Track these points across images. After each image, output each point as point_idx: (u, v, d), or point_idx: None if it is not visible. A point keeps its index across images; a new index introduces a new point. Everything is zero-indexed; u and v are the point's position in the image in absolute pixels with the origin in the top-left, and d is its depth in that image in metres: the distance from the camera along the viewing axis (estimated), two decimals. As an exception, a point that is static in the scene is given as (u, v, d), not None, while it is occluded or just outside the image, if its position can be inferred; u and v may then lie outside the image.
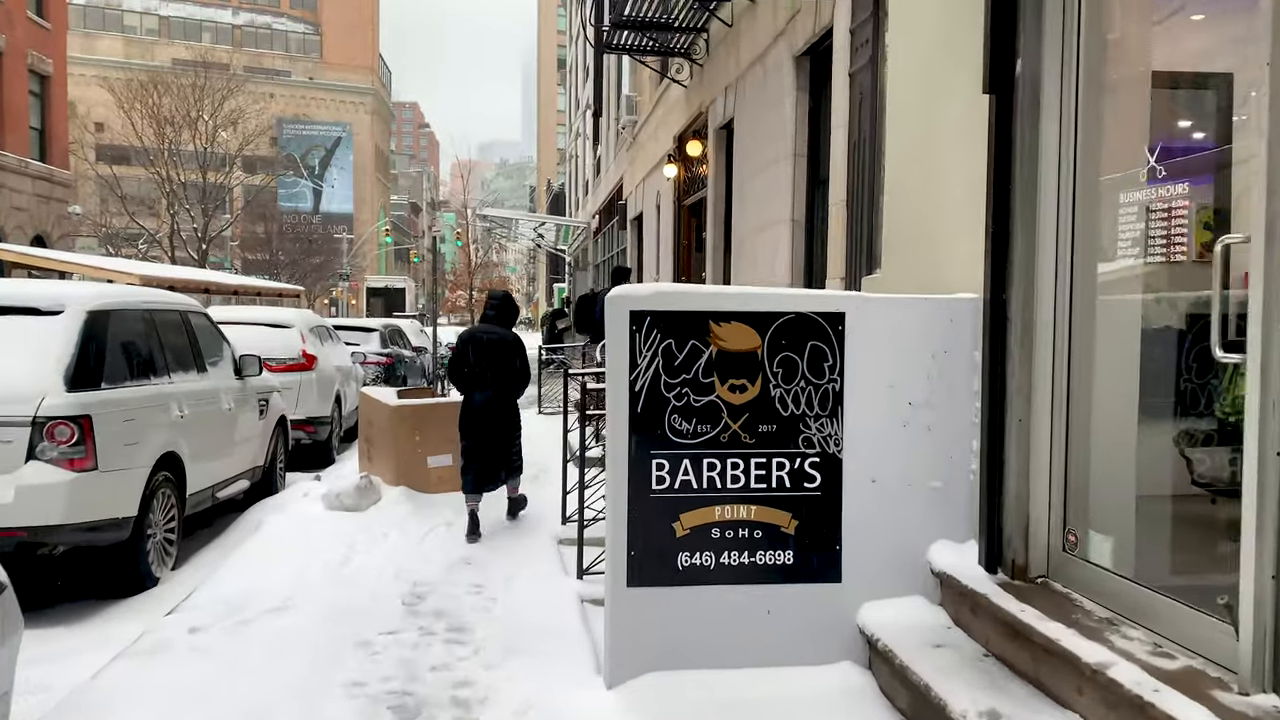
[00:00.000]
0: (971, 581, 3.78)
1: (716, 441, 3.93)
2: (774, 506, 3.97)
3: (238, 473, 8.15)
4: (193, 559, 7.04)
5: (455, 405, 8.72)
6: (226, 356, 8.25)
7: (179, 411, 6.78)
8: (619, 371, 3.89)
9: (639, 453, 3.90)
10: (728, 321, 3.91)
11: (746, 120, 8.42)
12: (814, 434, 3.98)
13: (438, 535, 7.19)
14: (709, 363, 3.91)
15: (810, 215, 6.96)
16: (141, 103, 37.76)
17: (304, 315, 12.45)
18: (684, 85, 11.14)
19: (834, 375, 3.98)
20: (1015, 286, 3.76)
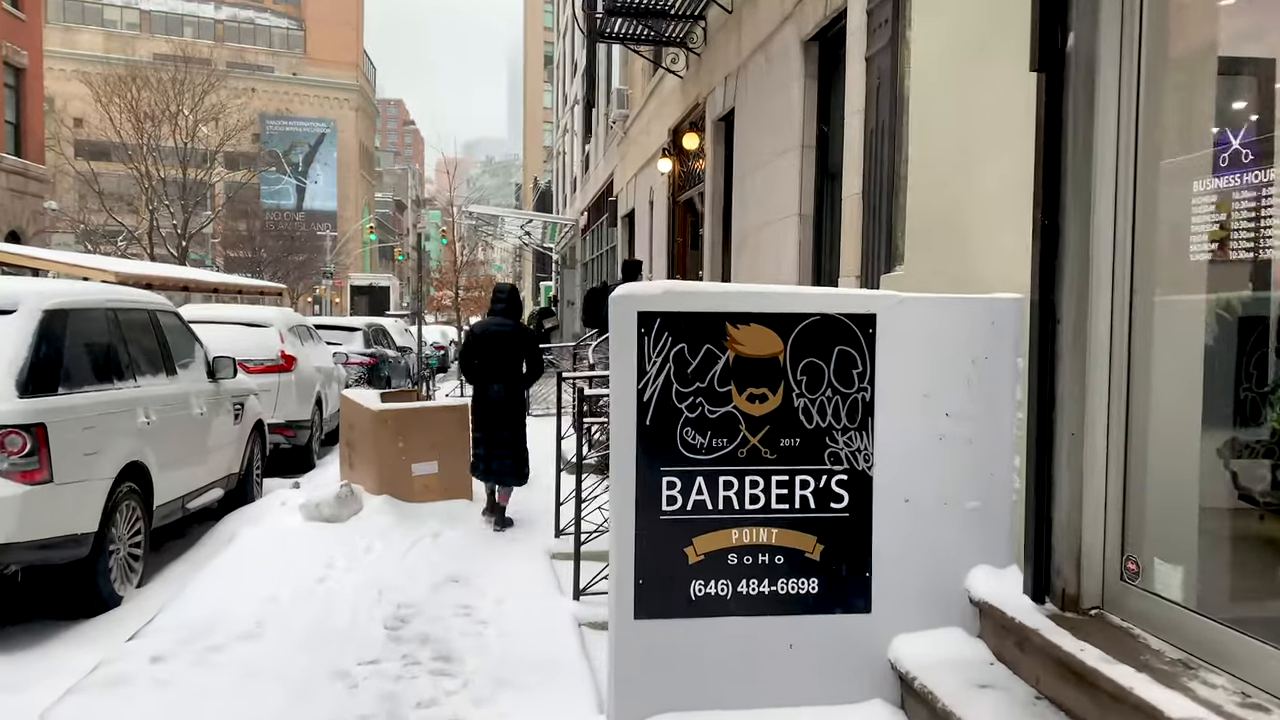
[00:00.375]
0: (1017, 613, 3.40)
1: (734, 457, 3.53)
2: (797, 529, 3.58)
3: (210, 481, 7.71)
4: (161, 574, 6.60)
5: (441, 409, 8.31)
6: (199, 358, 7.80)
7: (145, 418, 6.34)
8: (625, 379, 3.49)
9: (647, 469, 3.50)
10: (746, 324, 3.51)
11: (749, 111, 8.03)
12: (842, 449, 3.59)
13: (423, 549, 6.77)
14: (725, 370, 3.52)
15: (819, 209, 6.57)
16: (120, 96, 37.05)
17: (283, 314, 11.99)
18: (679, 76, 10.73)
19: (864, 384, 3.58)
20: (1066, 284, 3.38)
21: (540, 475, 9.48)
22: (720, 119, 9.24)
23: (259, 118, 64.06)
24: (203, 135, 40.39)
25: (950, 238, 4.25)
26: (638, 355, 3.48)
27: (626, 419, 3.49)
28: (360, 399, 8.65)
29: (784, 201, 6.88)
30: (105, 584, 5.73)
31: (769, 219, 7.24)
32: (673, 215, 11.80)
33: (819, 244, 6.59)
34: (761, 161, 7.47)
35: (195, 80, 39.85)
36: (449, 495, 8.02)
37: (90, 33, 70.90)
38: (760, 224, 7.51)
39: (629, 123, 15.68)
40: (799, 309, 3.54)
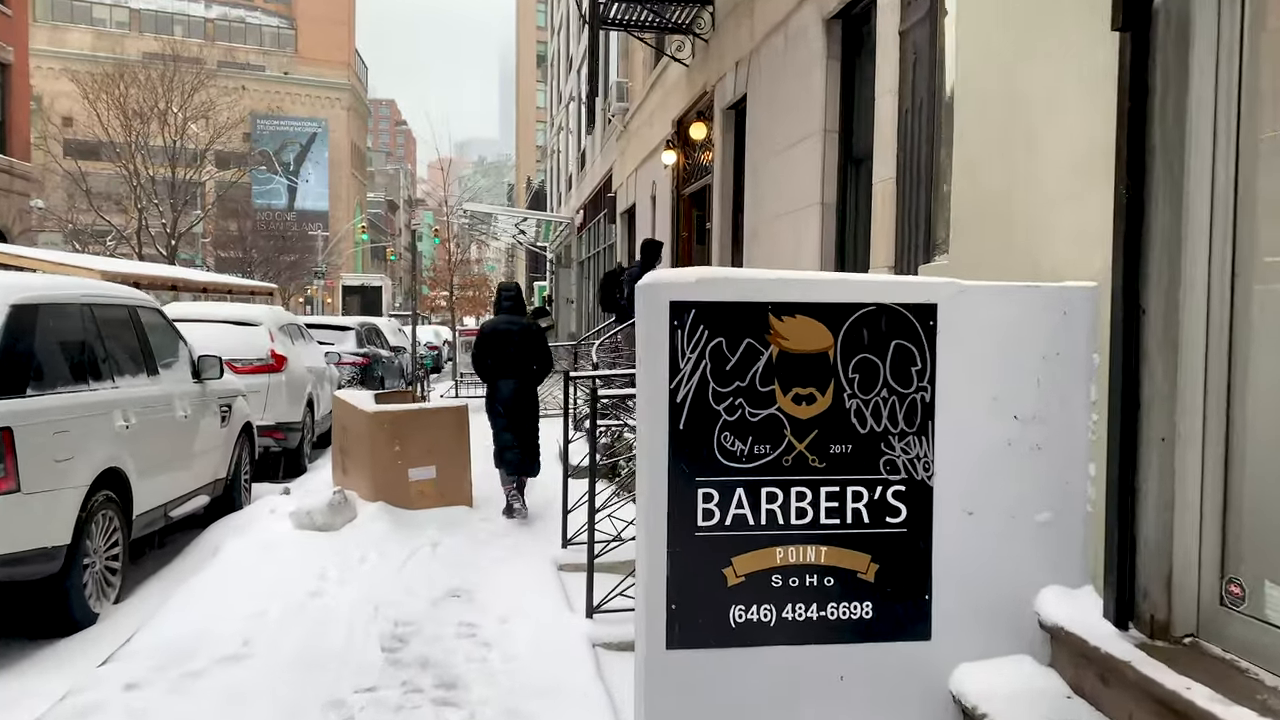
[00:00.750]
0: (1100, 641, 3.01)
1: (778, 465, 3.13)
2: (849, 547, 3.18)
3: (195, 488, 7.29)
4: (141, 588, 6.18)
5: (439, 411, 7.92)
6: (183, 357, 7.38)
7: (124, 421, 5.92)
8: (654, 378, 3.09)
9: (681, 480, 3.09)
10: (792, 315, 3.11)
11: (763, 96, 7.64)
12: (898, 456, 3.19)
13: (421, 559, 6.37)
14: (769, 367, 3.12)
15: (843, 197, 6.18)
16: (107, 93, 36.48)
17: (273, 312, 11.56)
18: (685, 64, 10.33)
19: (923, 383, 3.19)
20: (1154, 270, 3.00)
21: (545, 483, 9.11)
22: (730, 107, 8.85)
23: (250, 117, 63.45)
24: (192, 133, 39.84)
25: (1003, 222, 3.86)
26: (670, 351, 3.07)
27: (657, 423, 3.09)
28: (354, 400, 8.24)
29: (803, 190, 6.49)
30: (79, 601, 5.31)
31: (786, 209, 6.85)
32: (677, 209, 11.40)
33: (842, 234, 6.20)
34: (777, 149, 7.08)
35: (184, 77, 39.30)
36: (447, 501, 7.62)
37: (79, 31, 70.35)
38: (776, 214, 7.12)
39: (629, 116, 15.27)
40: (852, 298, 3.14)
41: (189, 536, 7.46)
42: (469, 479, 7.86)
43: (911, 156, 4.85)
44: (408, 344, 22.23)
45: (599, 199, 21.05)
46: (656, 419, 3.09)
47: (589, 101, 16.69)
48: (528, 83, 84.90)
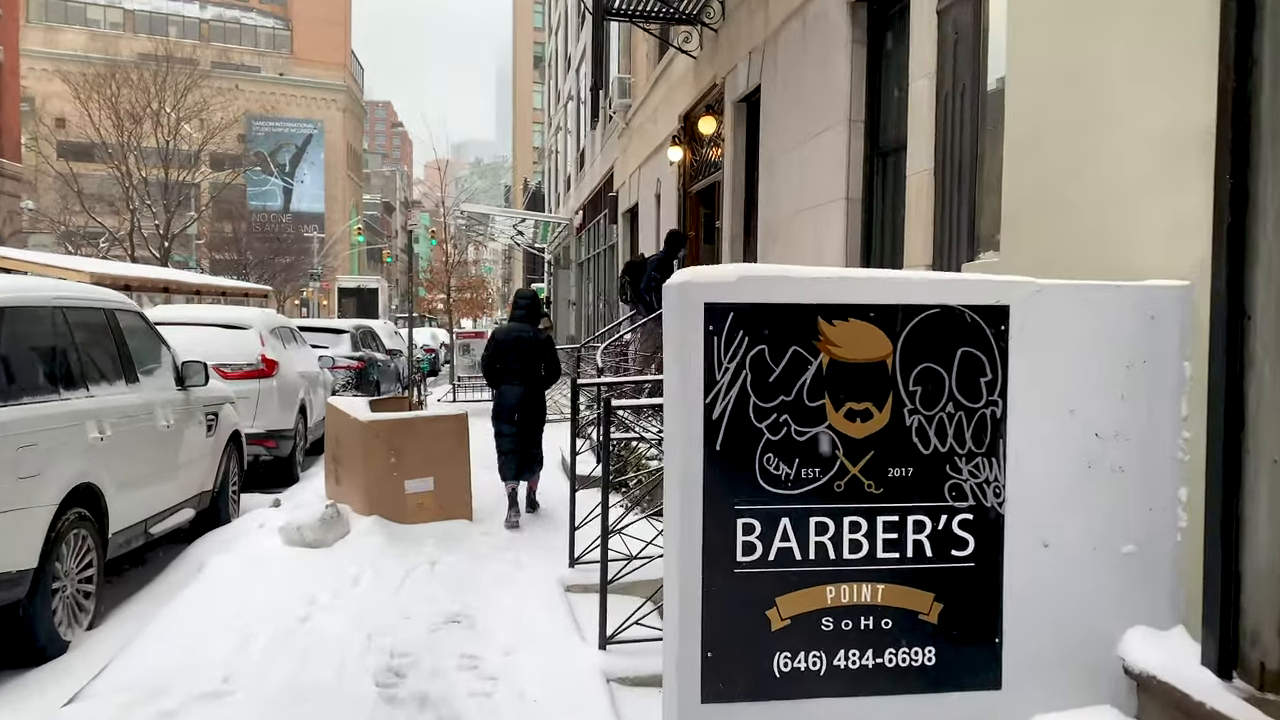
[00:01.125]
0: (1199, 692, 2.62)
1: (829, 491, 2.74)
2: (909, 584, 2.78)
3: (179, 501, 6.88)
4: (117, 612, 5.76)
5: (437, 420, 7.53)
6: (166, 363, 6.96)
7: (99, 432, 5.51)
8: (686, 391, 2.69)
9: (718, 508, 2.70)
10: (844, 319, 2.72)
11: (779, 87, 7.24)
12: (965, 480, 2.79)
13: (418, 580, 5.96)
14: (818, 379, 2.72)
15: (870, 191, 5.79)
16: (99, 93, 35.99)
17: (264, 315, 11.13)
18: (693, 56, 9.93)
19: (993, 396, 2.79)
20: (1262, 267, 2.61)
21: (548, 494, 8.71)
22: (742, 99, 8.45)
23: (245, 118, 62.99)
24: (185, 134, 39.37)
25: (1068, 213, 3.46)
26: (705, 361, 2.68)
27: (689, 443, 2.69)
28: (347, 408, 7.82)
29: (826, 184, 6.09)
30: (47, 629, 4.89)
31: (806, 205, 6.45)
32: (684, 208, 11.00)
33: (869, 230, 5.81)
34: (796, 142, 6.68)
35: (177, 77, 38.85)
36: (446, 515, 7.22)
37: (73, 32, 69.84)
38: (795, 211, 6.73)
39: (631, 113, 14.86)
40: (913, 299, 2.74)
41: (173, 552, 7.05)
42: (469, 490, 7.46)
43: (952, 144, 4.46)
44: (403, 346, 21.81)
45: (599, 199, 20.64)
46: (689, 438, 2.69)
47: (592, 95, 16.27)
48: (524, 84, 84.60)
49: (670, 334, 2.76)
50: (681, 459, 2.70)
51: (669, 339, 2.78)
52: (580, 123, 26.42)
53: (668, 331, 2.80)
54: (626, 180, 15.64)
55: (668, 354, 2.79)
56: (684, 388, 2.69)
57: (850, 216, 5.83)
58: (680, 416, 2.71)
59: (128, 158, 36.21)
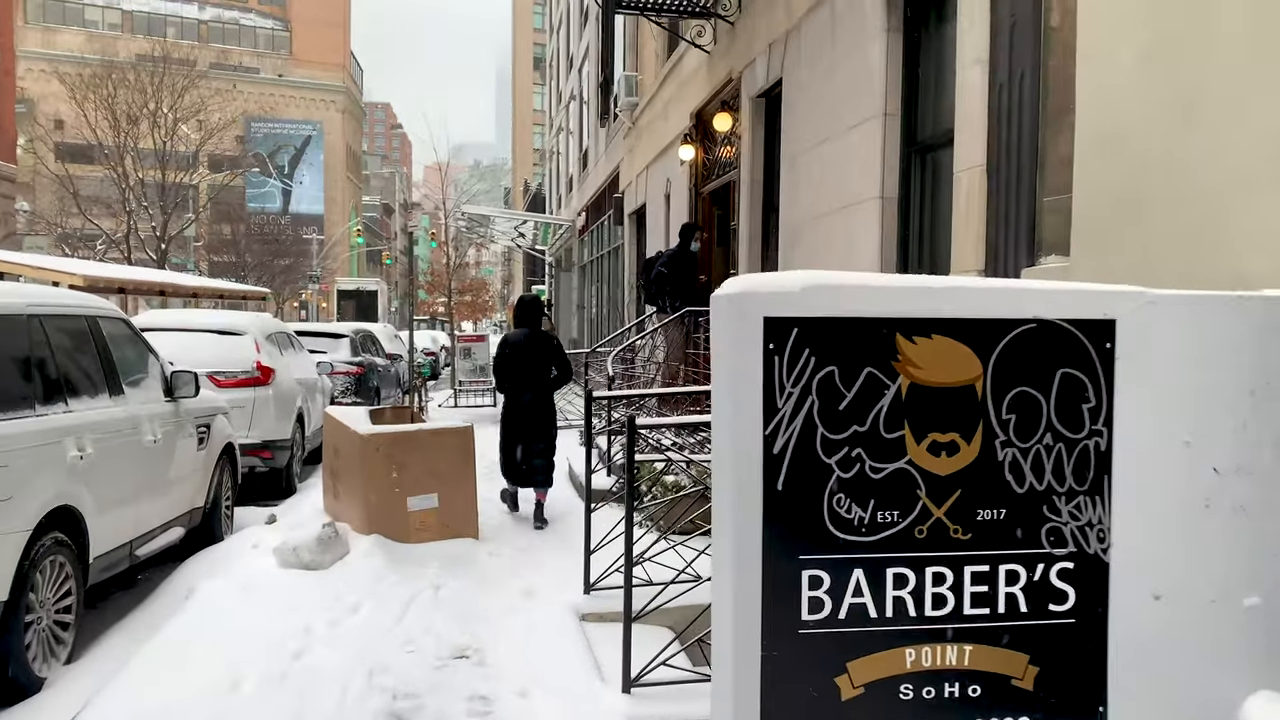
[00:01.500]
0: (1345, 775, 2.21)
1: (909, 538, 2.34)
2: (1001, 645, 2.38)
3: (168, 520, 6.50)
4: (98, 644, 5.36)
5: (442, 433, 7.14)
6: (153, 373, 6.58)
7: (78, 450, 5.12)
8: (740, 421, 2.29)
9: (780, 559, 2.30)
10: (926, 335, 2.32)
11: (803, 80, 6.86)
12: (1065, 523, 2.40)
13: (422, 607, 5.56)
14: (896, 405, 2.32)
15: (907, 190, 5.40)
16: (95, 93, 35.59)
17: (259, 320, 10.73)
18: (706, 51, 9.54)
19: (1097, 425, 2.39)
20: None
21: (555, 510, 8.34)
22: (761, 94, 8.06)
23: (244, 120, 62.60)
24: (183, 134, 38.98)
25: (1157, 213, 3.07)
26: (765, 385, 2.28)
27: (745, 482, 2.29)
28: (345, 419, 7.42)
29: (857, 183, 5.71)
30: (19, 666, 4.50)
31: (835, 205, 6.06)
32: (695, 208, 10.61)
33: (907, 232, 5.42)
34: (822, 138, 6.29)
35: (174, 77, 38.46)
36: (451, 534, 6.82)
37: (71, 33, 69.54)
38: (822, 212, 6.34)
39: (638, 112, 14.46)
40: (1006, 312, 2.35)
41: (163, 571, 6.66)
42: (475, 508, 7.07)
43: (1008, 137, 4.08)
44: (402, 350, 21.42)
45: (603, 200, 20.25)
46: (744, 477, 2.29)
47: (601, 90, 15.85)
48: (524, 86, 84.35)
49: (721, 354, 2.36)
50: (735, 501, 2.30)
51: (719, 361, 2.38)
52: (583, 123, 26.04)
53: (717, 352, 2.40)
54: (633, 181, 15.25)
55: (717, 378, 2.39)
56: (738, 417, 2.29)
57: (885, 217, 5.44)
58: (733, 451, 2.31)
59: (124, 159, 35.82)
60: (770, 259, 8.17)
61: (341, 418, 7.51)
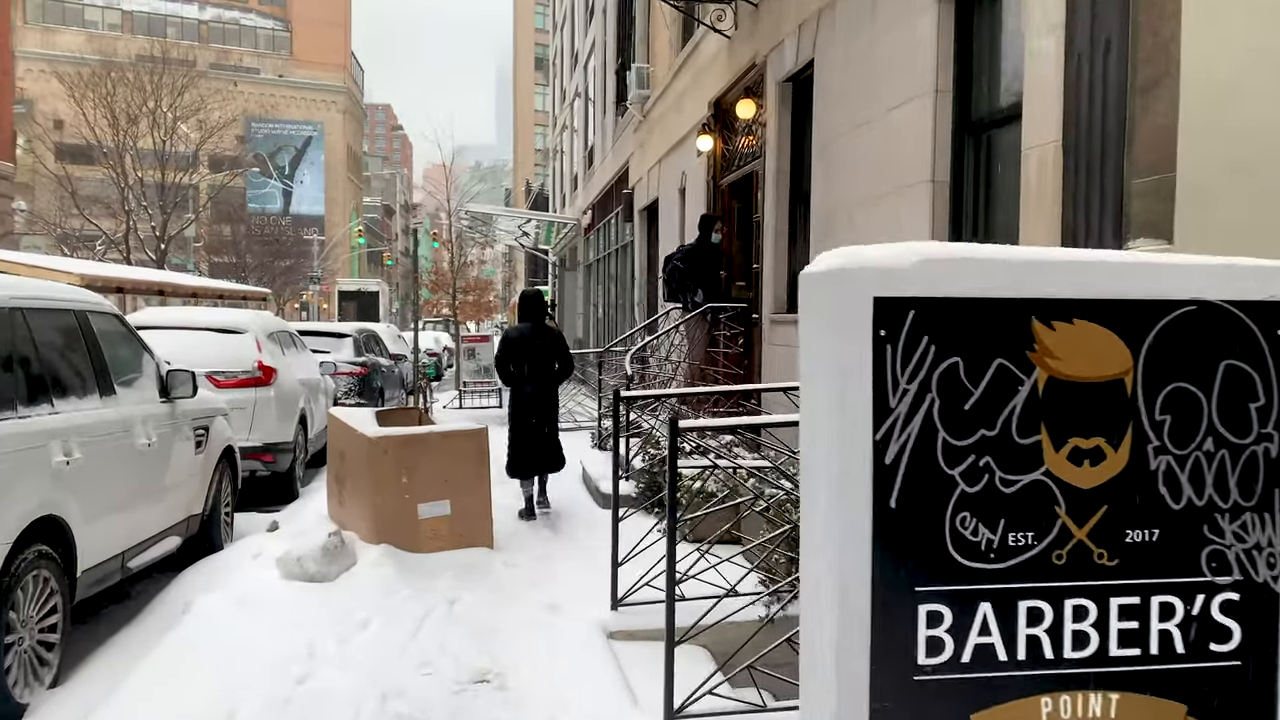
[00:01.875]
0: None
1: (1045, 564, 1.95)
2: (1154, 692, 1.99)
3: (163, 529, 6.10)
4: (86, 665, 4.96)
5: (455, 436, 6.75)
6: (148, 373, 6.19)
7: (64, 455, 4.72)
8: (843, 426, 1.90)
9: (892, 591, 1.90)
10: (1067, 319, 1.93)
11: (839, 60, 6.46)
12: (1229, 545, 2.00)
13: (436, 623, 5.17)
14: (1032, 404, 1.93)
15: (960, 172, 5.01)
16: (93, 91, 35.21)
17: (261, 318, 10.34)
18: (726, 36, 9.15)
19: (1267, 428, 2.00)
20: None
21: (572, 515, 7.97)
22: (788, 79, 7.66)
23: (244, 120, 62.20)
24: (182, 134, 38.60)
25: None
26: (875, 381, 1.88)
27: (849, 498, 1.89)
28: (352, 421, 7.03)
29: (904, 166, 5.32)
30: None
31: (876, 192, 5.68)
32: (713, 202, 10.21)
33: (960, 217, 5.02)
34: (862, 120, 5.90)
35: (173, 76, 38.09)
36: (464, 543, 6.43)
37: (71, 33, 69.15)
38: (862, 199, 5.95)
39: (650, 105, 14.07)
40: (1160, 292, 1.95)
41: (159, 582, 6.28)
42: (490, 515, 6.67)
43: (1089, 111, 3.68)
44: (406, 350, 21.05)
45: (610, 197, 19.85)
46: (848, 492, 1.90)
47: (617, 77, 15.45)
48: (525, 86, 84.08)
49: (815, 344, 1.97)
50: (835, 522, 1.90)
51: (811, 352, 1.99)
52: (588, 120, 25.65)
53: (808, 341, 2.01)
54: (644, 176, 14.85)
55: (810, 373, 2.00)
56: (840, 420, 1.90)
57: (937, 202, 5.05)
58: (833, 462, 1.91)
59: (124, 158, 35.46)
60: (799, 253, 7.77)
61: (347, 419, 7.11)
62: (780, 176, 7.86)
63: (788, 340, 7.57)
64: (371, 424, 6.94)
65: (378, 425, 6.92)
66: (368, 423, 6.97)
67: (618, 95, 15.75)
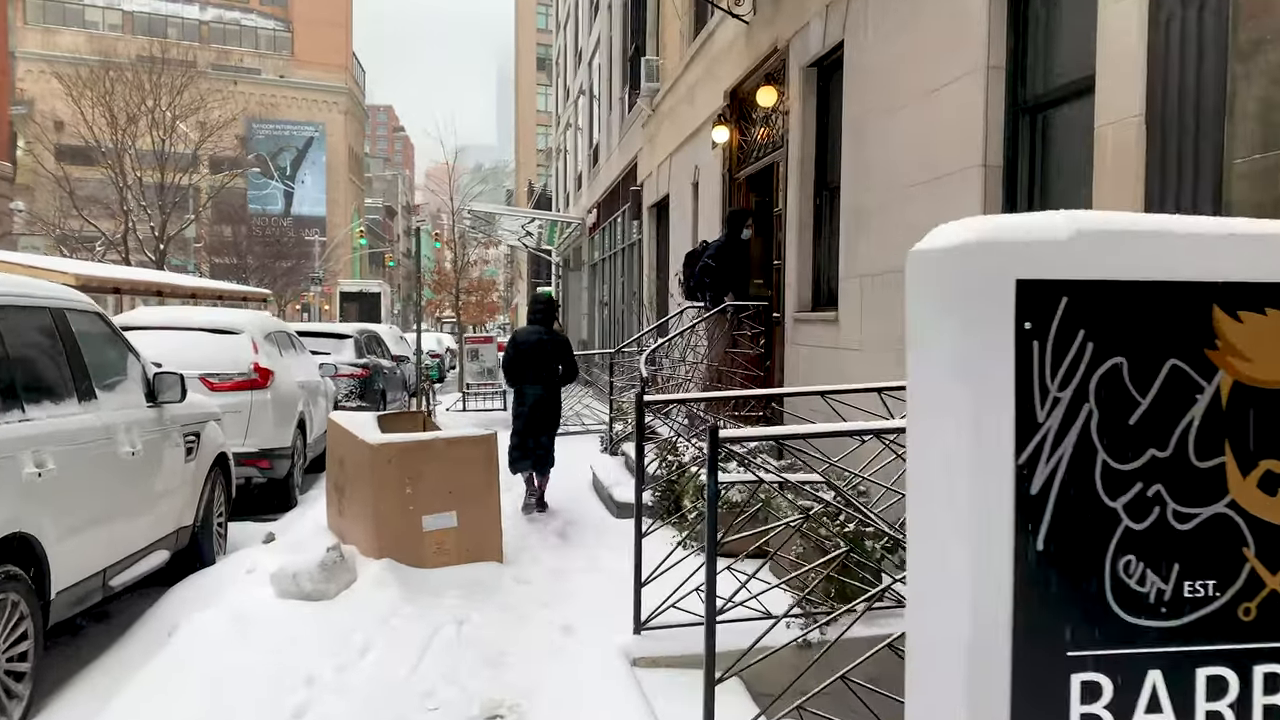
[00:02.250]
0: None
1: (1229, 622, 1.54)
2: (1363, 783, 1.56)
3: (150, 543, 5.69)
4: (61, 695, 4.56)
5: (462, 442, 6.34)
6: (133, 375, 5.78)
7: (36, 466, 4.31)
8: (973, 445, 1.48)
9: (1037, 655, 1.49)
10: (1257, 310, 1.52)
11: (873, 40, 6.05)
12: None
13: (443, 646, 4.75)
14: (1213, 417, 1.52)
15: (1014, 155, 4.58)
16: (91, 89, 34.84)
17: (258, 318, 9.93)
18: (745, 21, 8.72)
19: None
20: None
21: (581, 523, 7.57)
22: (813, 63, 7.24)
23: (245, 121, 61.83)
24: (182, 133, 38.23)
25: None
26: (1019, 388, 1.47)
27: (982, 536, 1.48)
28: (352, 426, 6.62)
29: (950, 150, 4.90)
30: (-43, 732, 3.70)
31: (918, 179, 5.26)
32: (729, 196, 9.80)
33: (1014, 204, 4.61)
34: (901, 102, 5.49)
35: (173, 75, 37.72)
36: (472, 557, 6.02)
37: (71, 34, 68.83)
38: (899, 187, 5.53)
39: (659, 98, 13.64)
40: (1376, 274, 1.53)
41: (147, 599, 5.87)
42: (499, 526, 6.27)
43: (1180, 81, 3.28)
44: (408, 352, 20.64)
45: (616, 195, 19.44)
46: (980, 529, 1.48)
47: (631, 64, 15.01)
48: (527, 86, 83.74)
49: (931, 342, 1.56)
50: (963, 567, 1.49)
51: (926, 348, 1.58)
52: (593, 118, 25.25)
53: (920, 334, 1.60)
54: (653, 171, 14.43)
55: (925, 376, 1.59)
56: (968, 437, 1.48)
57: (989, 188, 4.63)
58: (955, 490, 1.50)
59: (123, 159, 35.09)
60: (825, 246, 7.35)
61: (348, 425, 6.70)
62: (804, 167, 7.45)
63: (813, 340, 7.16)
64: (373, 430, 6.53)
65: (379, 431, 6.51)
66: (369, 428, 6.57)
67: (632, 82, 15.28)
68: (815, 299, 7.48)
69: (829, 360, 6.69)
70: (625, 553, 5.63)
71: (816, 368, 6.93)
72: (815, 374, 6.95)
